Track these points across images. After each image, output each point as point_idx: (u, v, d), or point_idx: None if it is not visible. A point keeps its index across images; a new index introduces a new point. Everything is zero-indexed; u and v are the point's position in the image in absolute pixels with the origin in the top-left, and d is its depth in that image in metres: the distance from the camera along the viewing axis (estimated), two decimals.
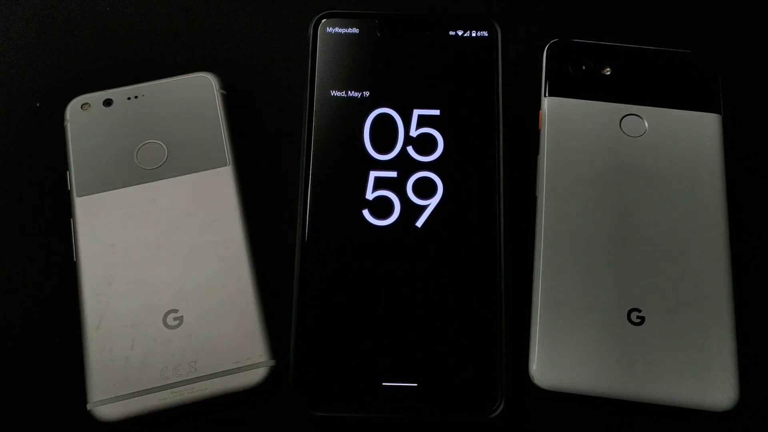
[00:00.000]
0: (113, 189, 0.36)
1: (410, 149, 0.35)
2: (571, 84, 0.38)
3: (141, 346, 0.33)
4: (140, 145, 0.37)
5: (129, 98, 0.38)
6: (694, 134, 0.37)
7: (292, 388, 0.32)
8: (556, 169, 0.36)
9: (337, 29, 0.37)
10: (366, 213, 0.34)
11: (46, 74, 0.41)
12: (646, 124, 0.37)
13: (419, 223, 0.34)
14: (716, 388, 0.32)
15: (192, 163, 0.37)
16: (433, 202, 0.35)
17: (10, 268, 0.37)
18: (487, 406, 0.31)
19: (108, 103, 0.38)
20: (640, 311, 0.33)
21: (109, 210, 0.36)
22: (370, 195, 0.35)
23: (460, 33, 0.37)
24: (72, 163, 0.37)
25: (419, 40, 0.37)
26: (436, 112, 0.36)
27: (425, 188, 0.35)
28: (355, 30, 0.37)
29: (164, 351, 0.33)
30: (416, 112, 0.36)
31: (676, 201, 0.35)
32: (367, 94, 0.36)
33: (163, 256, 0.35)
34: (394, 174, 0.35)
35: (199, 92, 0.38)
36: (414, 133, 0.36)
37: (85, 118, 0.38)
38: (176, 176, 0.36)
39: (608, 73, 0.38)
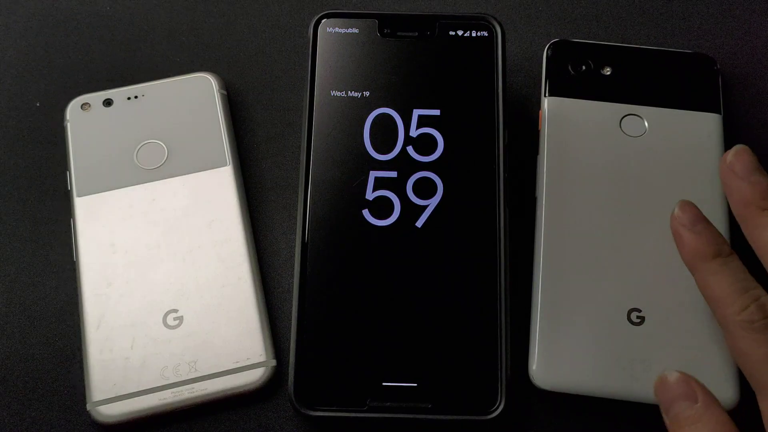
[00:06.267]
0: (113, 189, 0.36)
1: (410, 149, 0.35)
2: (571, 84, 0.38)
3: (141, 346, 0.33)
4: (140, 145, 0.37)
5: (129, 98, 0.38)
6: (694, 134, 0.37)
7: (292, 388, 0.32)
8: (556, 169, 0.36)
9: (337, 29, 0.37)
10: (366, 213, 0.34)
11: (46, 74, 0.41)
12: (646, 124, 0.37)
13: (419, 223, 0.34)
14: (716, 388, 0.32)
15: (192, 163, 0.37)
16: (433, 202, 0.35)
17: (10, 268, 0.37)
18: (487, 406, 0.31)
19: (108, 103, 0.38)
20: (640, 311, 0.33)
21: (109, 210, 0.36)
22: (370, 195, 0.35)
23: (460, 33, 0.37)
24: (72, 163, 0.37)
25: (419, 40, 0.37)
26: (436, 112, 0.36)
27: (425, 188, 0.35)
28: (355, 30, 0.37)
29: (164, 351, 0.33)
30: (416, 112, 0.36)
31: (676, 201, 0.35)
32: (367, 94, 0.36)
33: (163, 256, 0.35)
34: (394, 174, 0.35)
35: (199, 92, 0.38)
36: (414, 133, 0.36)
37: (85, 118, 0.38)
38: (176, 176, 0.36)
39: (608, 73, 0.38)
